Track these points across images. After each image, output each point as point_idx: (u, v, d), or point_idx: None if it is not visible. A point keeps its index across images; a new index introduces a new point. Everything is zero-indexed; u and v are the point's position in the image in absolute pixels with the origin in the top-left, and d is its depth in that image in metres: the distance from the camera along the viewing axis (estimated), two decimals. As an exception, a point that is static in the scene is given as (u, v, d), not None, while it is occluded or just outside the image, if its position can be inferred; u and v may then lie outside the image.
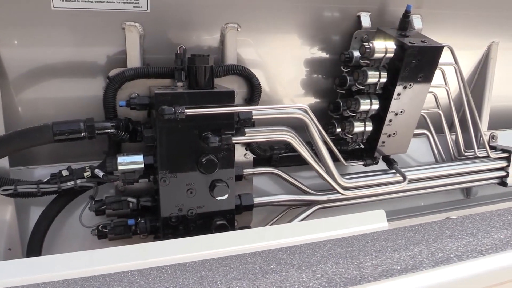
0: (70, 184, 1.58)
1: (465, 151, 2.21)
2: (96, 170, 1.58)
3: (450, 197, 2.40)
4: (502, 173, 2.23)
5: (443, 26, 2.09)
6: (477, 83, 2.28)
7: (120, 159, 1.55)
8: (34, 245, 1.63)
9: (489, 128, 2.32)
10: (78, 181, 1.59)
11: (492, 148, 2.26)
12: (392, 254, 1.26)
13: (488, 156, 2.19)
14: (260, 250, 1.33)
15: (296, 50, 1.93)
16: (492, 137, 2.33)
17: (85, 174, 1.60)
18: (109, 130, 1.56)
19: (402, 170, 1.99)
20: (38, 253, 1.64)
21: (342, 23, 1.92)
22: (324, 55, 1.98)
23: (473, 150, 2.18)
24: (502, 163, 2.22)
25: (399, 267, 1.14)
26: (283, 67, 1.96)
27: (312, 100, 2.07)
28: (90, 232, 1.66)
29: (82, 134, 1.50)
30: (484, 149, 2.19)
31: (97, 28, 1.61)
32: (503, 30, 2.21)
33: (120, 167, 1.54)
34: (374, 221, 1.65)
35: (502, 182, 2.24)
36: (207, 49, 1.78)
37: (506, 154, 2.21)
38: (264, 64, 1.91)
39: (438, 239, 1.36)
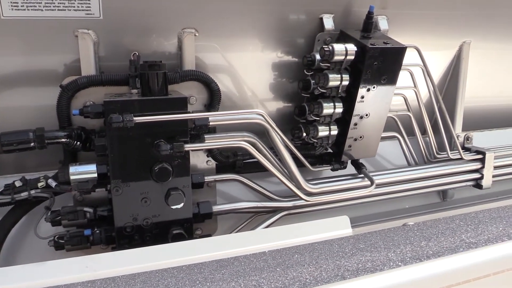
0: (24, 195, 1.56)
1: (438, 154, 2.17)
2: (50, 180, 1.56)
3: (427, 201, 2.35)
4: (476, 175, 2.18)
5: (412, 26, 2.06)
6: (450, 83, 2.24)
7: (72, 169, 1.52)
8: (-11, 257, 1.61)
9: (464, 129, 2.28)
10: (32, 192, 1.57)
11: (467, 149, 2.22)
12: (350, 258, 1.24)
13: (461, 158, 2.14)
14: (222, 258, 1.30)
15: (261, 53, 1.90)
16: (467, 138, 2.28)
17: (40, 184, 1.57)
18: (61, 140, 1.53)
19: (371, 174, 1.95)
20: (-6, 266, 1.61)
21: (306, 26, 1.89)
22: (289, 58, 1.95)
23: (446, 152, 2.13)
24: (477, 165, 2.17)
25: (355, 271, 1.11)
26: (248, 72, 1.93)
27: (280, 104, 2.04)
28: (48, 243, 1.63)
29: (32, 144, 1.48)
30: (457, 151, 2.14)
31: (50, 36, 1.58)
32: (474, 29, 2.17)
33: (72, 177, 1.52)
34: (338, 227, 1.62)
35: (477, 184, 2.20)
36: (167, 55, 1.75)
37: (480, 156, 2.17)
38: (229, 69, 1.88)
39: (392, 244, 1.33)
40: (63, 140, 1.54)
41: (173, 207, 1.55)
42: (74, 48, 1.62)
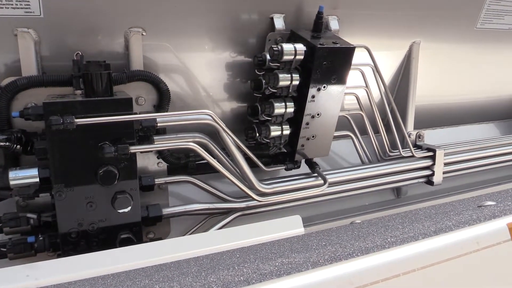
0: (-39, 202, 1.49)
1: (390, 152, 2.21)
2: (-13, 186, 1.49)
3: (382, 198, 2.39)
4: (428, 172, 2.24)
5: (363, 27, 2.08)
6: (401, 83, 2.28)
7: (12, 173, 1.46)
8: None
9: (416, 128, 2.33)
10: (-31, 199, 1.50)
11: (418, 147, 2.27)
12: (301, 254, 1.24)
13: (413, 156, 2.19)
14: (170, 262, 1.28)
15: (213, 53, 1.88)
16: (419, 136, 2.33)
17: (-23, 190, 1.50)
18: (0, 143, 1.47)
19: (325, 173, 1.97)
20: None
21: (258, 25, 1.88)
22: (242, 58, 1.94)
23: (398, 150, 2.17)
24: (428, 162, 2.22)
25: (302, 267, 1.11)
26: (201, 72, 1.90)
27: (234, 104, 2.03)
28: (-13, 252, 1.56)
29: (-33, 148, 1.41)
30: (409, 149, 2.19)
31: (-13, 36, 1.52)
32: (423, 29, 2.22)
33: (12, 182, 1.45)
34: (291, 226, 1.62)
35: (429, 180, 2.25)
36: (114, 55, 1.71)
37: (431, 153, 2.22)
38: (180, 68, 1.85)
39: (340, 240, 1.34)
40: (2, 143, 1.47)
41: (120, 211, 1.51)
42: (13, 48, 1.56)
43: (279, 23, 1.85)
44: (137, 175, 1.55)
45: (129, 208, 1.52)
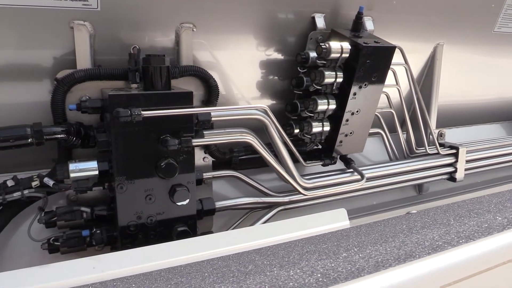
0: (16, 195, 1.47)
1: (416, 149, 2.29)
2: (46, 179, 1.47)
3: (403, 194, 2.47)
4: (451, 169, 2.33)
5: (392, 28, 2.16)
6: (424, 83, 2.37)
7: (72, 166, 1.45)
8: (-24, 264, 1.49)
9: (437, 127, 2.42)
10: (26, 192, 1.47)
11: (441, 145, 2.36)
12: (373, 247, 1.27)
13: (438, 153, 2.27)
14: (229, 254, 1.29)
15: (252, 51, 1.91)
16: (440, 134, 2.42)
17: (33, 183, 1.48)
18: (59, 136, 1.46)
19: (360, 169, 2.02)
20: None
21: (297, 24, 1.93)
22: (280, 56, 1.98)
23: (424, 148, 2.25)
24: (451, 159, 2.31)
25: (392, 258, 1.13)
26: (239, 69, 1.93)
27: (269, 101, 2.06)
28: (40, 246, 1.54)
29: (29, 140, 1.40)
30: (434, 147, 2.27)
31: (42, 27, 1.50)
32: (446, 32, 2.31)
33: (72, 175, 1.44)
34: (336, 219, 1.66)
35: (451, 177, 2.34)
36: (161, 50, 1.72)
37: (454, 151, 2.31)
38: (220, 66, 1.87)
39: (404, 233, 1.38)
40: (62, 136, 1.46)
41: (179, 203, 1.52)
42: (67, 41, 1.55)
43: (320, 22, 1.90)
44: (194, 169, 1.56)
45: (187, 200, 1.53)
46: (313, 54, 1.83)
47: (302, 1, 1.88)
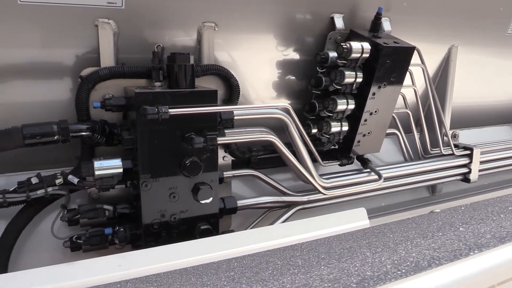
0: (40, 192, 1.46)
1: (431, 150, 2.29)
2: (70, 177, 1.47)
3: (416, 195, 2.47)
4: (465, 170, 2.34)
5: (408, 29, 2.17)
6: (439, 84, 2.38)
7: (97, 163, 1.45)
8: (0, 261, 1.49)
9: (451, 128, 2.43)
10: (49, 189, 1.47)
11: (455, 146, 2.37)
12: (403, 245, 1.26)
13: (452, 154, 2.28)
14: (257, 252, 1.29)
15: (269, 52, 1.92)
16: (454, 135, 2.43)
17: (57, 181, 1.48)
18: (84, 133, 1.46)
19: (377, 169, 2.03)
20: (5, 270, 1.49)
21: (315, 25, 1.93)
22: (297, 56, 1.99)
23: (438, 148, 2.26)
24: (465, 160, 2.32)
25: (426, 261, 1.12)
26: (256, 68, 1.93)
27: (285, 101, 2.06)
28: (62, 244, 1.54)
29: (56, 137, 1.40)
30: (449, 147, 2.28)
31: (67, 25, 1.51)
32: (460, 34, 2.32)
33: (97, 172, 1.44)
34: (356, 219, 1.66)
35: (465, 178, 2.35)
36: (182, 48, 1.72)
37: (468, 152, 2.32)
38: (238, 65, 1.87)
39: (432, 233, 1.38)
40: (86, 133, 1.46)
41: (202, 201, 1.52)
42: (90, 39, 1.55)
43: (339, 22, 1.91)
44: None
45: (211, 199, 1.53)
46: (332, 54, 1.83)
47: (321, 2, 1.89)
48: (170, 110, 1.38)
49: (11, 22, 1.43)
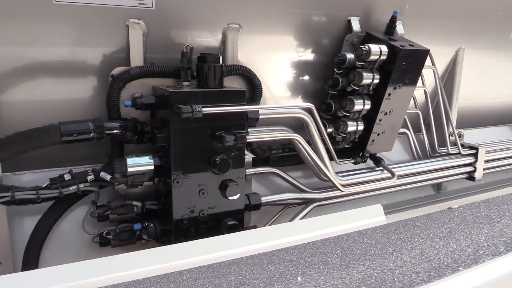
0: (72, 189, 1.49)
1: (438, 149, 2.37)
2: (102, 173, 1.50)
3: (422, 193, 2.55)
4: (470, 168, 2.42)
5: (417, 33, 2.24)
6: (446, 85, 2.45)
7: (130, 160, 1.49)
8: (31, 257, 1.51)
9: (456, 128, 2.51)
10: (81, 186, 1.51)
11: (461, 145, 2.45)
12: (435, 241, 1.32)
13: (459, 153, 2.37)
14: (284, 248, 1.34)
15: (288, 53, 1.97)
16: (460, 135, 2.52)
17: (89, 177, 1.52)
18: (117, 131, 1.49)
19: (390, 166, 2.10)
20: (35, 266, 1.52)
21: (332, 27, 1.99)
22: (314, 58, 2.04)
23: (445, 148, 2.34)
24: (471, 159, 2.41)
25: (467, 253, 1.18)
26: (274, 69, 1.98)
27: (301, 101, 2.12)
28: (92, 239, 1.57)
29: (91, 134, 1.43)
30: (455, 147, 2.36)
31: (98, 24, 1.54)
32: (467, 37, 2.40)
33: (130, 169, 1.48)
34: (373, 215, 1.72)
35: (470, 176, 2.44)
36: (206, 49, 1.76)
37: (473, 151, 2.41)
38: (257, 65, 1.92)
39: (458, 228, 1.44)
40: (119, 131, 1.50)
41: (230, 198, 1.57)
42: (121, 38, 1.59)
43: (356, 25, 1.97)
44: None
45: (238, 195, 1.58)
46: (349, 56, 1.89)
47: (338, 5, 1.94)
48: (204, 109, 1.43)
49: (46, 21, 1.46)
